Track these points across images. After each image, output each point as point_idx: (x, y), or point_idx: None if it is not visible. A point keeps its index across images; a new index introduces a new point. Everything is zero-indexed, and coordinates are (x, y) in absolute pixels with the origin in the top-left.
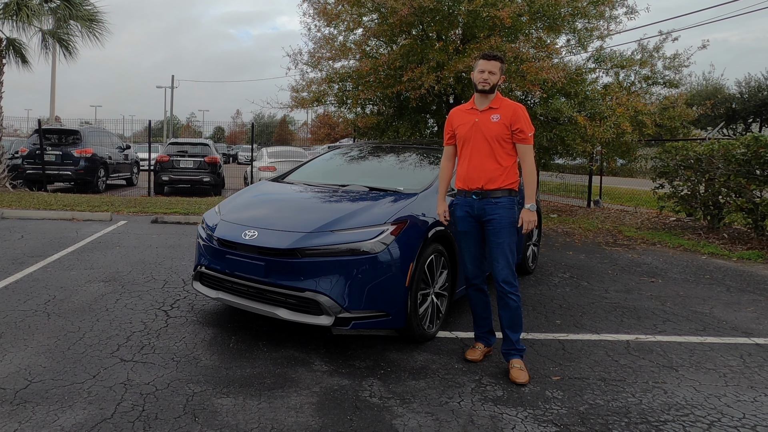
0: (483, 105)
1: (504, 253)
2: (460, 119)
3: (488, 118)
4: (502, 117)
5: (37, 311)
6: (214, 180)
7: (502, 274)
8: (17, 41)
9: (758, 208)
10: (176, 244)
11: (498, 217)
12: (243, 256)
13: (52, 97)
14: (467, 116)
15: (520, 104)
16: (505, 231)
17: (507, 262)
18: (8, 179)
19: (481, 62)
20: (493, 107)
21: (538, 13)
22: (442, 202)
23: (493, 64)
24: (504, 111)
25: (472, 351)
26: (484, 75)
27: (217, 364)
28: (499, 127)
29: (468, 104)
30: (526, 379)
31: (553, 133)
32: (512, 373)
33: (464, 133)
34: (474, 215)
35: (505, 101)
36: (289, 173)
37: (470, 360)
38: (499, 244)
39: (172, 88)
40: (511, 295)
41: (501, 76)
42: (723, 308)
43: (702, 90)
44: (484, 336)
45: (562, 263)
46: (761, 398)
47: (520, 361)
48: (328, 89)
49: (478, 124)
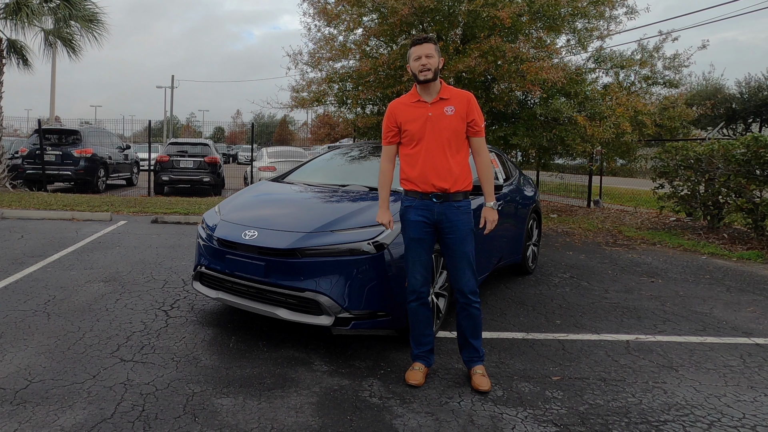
0: (431, 96)
1: (469, 262)
2: (406, 114)
3: (442, 112)
4: (457, 109)
5: (37, 311)
6: (214, 180)
7: (469, 286)
8: (18, 42)
9: (758, 208)
10: (176, 244)
11: (461, 224)
12: (243, 256)
13: (52, 97)
14: (416, 110)
15: (469, 92)
16: (469, 238)
17: (472, 272)
18: (8, 179)
19: (414, 49)
20: (444, 98)
21: (538, 13)
22: (387, 210)
23: (427, 47)
24: (457, 102)
25: (413, 373)
26: (422, 61)
27: (217, 364)
28: (455, 120)
29: (410, 96)
30: (489, 386)
31: (553, 133)
32: (474, 379)
33: (416, 130)
34: (432, 220)
35: (454, 90)
36: (289, 173)
37: (413, 384)
38: (464, 253)
39: (172, 88)
40: (475, 304)
41: (440, 59)
42: (723, 308)
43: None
44: (425, 356)
45: (562, 263)
46: (761, 398)
47: (482, 368)
48: (328, 89)
49: (432, 118)
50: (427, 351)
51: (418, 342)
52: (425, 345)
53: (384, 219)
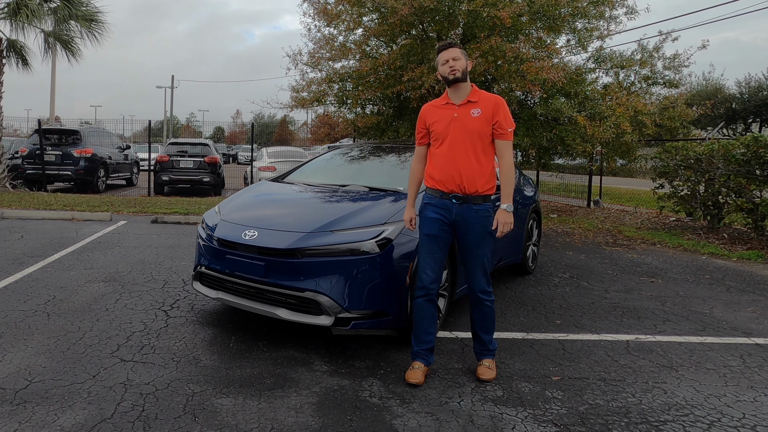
0: (460, 98)
1: (482, 264)
2: (434, 115)
3: (468, 113)
4: (483, 111)
5: (37, 311)
6: (214, 180)
7: (480, 285)
8: (18, 42)
9: (758, 208)
10: (176, 244)
11: (478, 228)
12: (243, 256)
13: (52, 97)
14: (443, 111)
15: (500, 97)
16: (484, 241)
17: (484, 272)
18: (8, 179)
19: (441, 54)
20: (472, 100)
21: (538, 13)
22: (411, 208)
23: (453, 51)
24: (484, 104)
25: (413, 372)
26: (449, 63)
27: (217, 364)
28: (480, 122)
29: (441, 99)
30: (491, 377)
31: (553, 133)
32: (478, 369)
33: (441, 130)
34: (450, 220)
35: (483, 94)
36: (289, 173)
37: (413, 384)
38: (479, 255)
39: (172, 88)
40: (487, 302)
41: (467, 62)
42: (723, 308)
43: (702, 90)
44: (425, 354)
45: (562, 263)
46: (761, 398)
47: (491, 361)
48: (328, 89)
49: (457, 119)
50: (427, 350)
51: (419, 339)
52: (426, 343)
53: (407, 216)
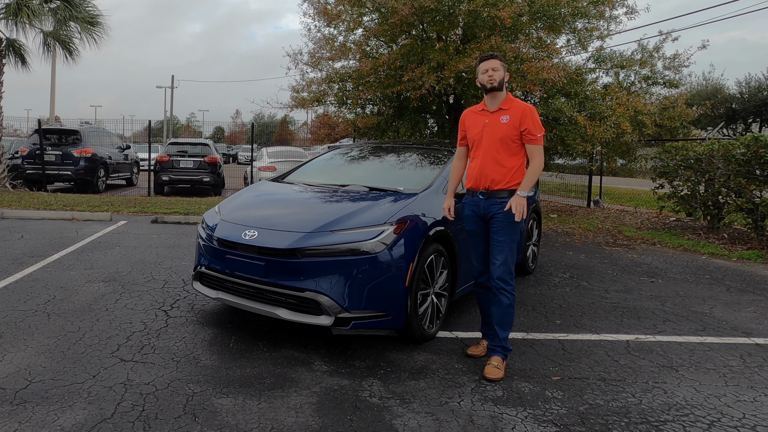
0: (493, 106)
1: (502, 251)
2: (471, 121)
3: (498, 120)
4: (512, 118)
5: (37, 311)
6: (214, 180)
7: (498, 272)
8: (17, 42)
9: (758, 208)
10: (176, 244)
11: (501, 216)
12: (243, 256)
13: (52, 97)
14: (478, 117)
15: (530, 105)
16: (506, 230)
17: (504, 260)
18: (8, 179)
19: (482, 64)
20: (503, 108)
21: (538, 13)
22: (450, 198)
23: (493, 62)
24: (513, 112)
25: (474, 347)
26: (489, 73)
27: (217, 364)
28: (507, 128)
29: (480, 105)
30: (496, 376)
31: (553, 133)
32: (486, 368)
33: (474, 135)
34: (480, 214)
35: (515, 102)
36: (289, 173)
37: (471, 355)
38: (499, 242)
39: (172, 89)
40: (504, 292)
41: (505, 73)
42: (723, 308)
43: (702, 90)
44: (486, 332)
45: (562, 263)
46: (761, 398)
47: (499, 359)
48: (328, 89)
49: (488, 125)
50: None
51: (484, 321)
52: (488, 324)
53: (446, 204)
